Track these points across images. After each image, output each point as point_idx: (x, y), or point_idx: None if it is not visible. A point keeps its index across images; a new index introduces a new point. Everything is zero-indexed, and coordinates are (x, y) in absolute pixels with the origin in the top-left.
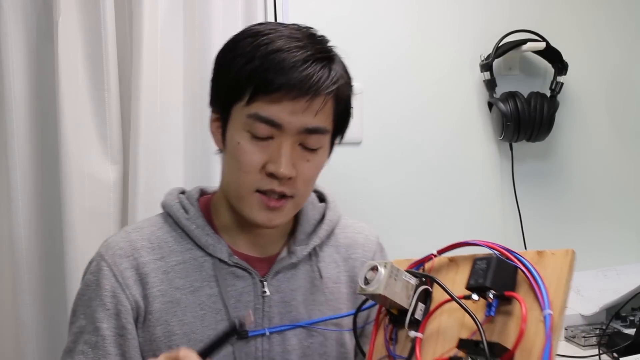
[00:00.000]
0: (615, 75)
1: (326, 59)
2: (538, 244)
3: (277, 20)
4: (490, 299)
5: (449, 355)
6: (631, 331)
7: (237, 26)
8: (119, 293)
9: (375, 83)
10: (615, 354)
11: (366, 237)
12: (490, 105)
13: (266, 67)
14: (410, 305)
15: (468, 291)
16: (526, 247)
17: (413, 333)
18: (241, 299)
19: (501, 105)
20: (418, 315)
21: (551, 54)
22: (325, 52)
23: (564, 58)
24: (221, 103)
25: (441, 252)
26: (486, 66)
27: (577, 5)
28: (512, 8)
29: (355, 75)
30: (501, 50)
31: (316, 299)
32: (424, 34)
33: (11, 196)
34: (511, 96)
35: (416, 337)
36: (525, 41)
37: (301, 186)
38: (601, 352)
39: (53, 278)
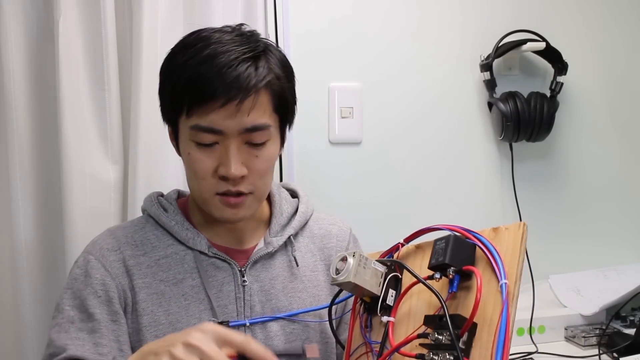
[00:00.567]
0: (615, 75)
1: (251, 58)
2: (538, 244)
3: (277, 20)
4: (450, 275)
5: (417, 332)
6: (631, 331)
7: None
8: (109, 281)
9: (375, 83)
10: (615, 354)
11: (339, 228)
12: (490, 105)
13: (195, 80)
14: (380, 291)
15: (432, 271)
16: (526, 247)
17: (385, 318)
18: (222, 289)
19: (501, 105)
20: (389, 301)
21: (551, 54)
22: (251, 51)
23: (564, 58)
24: (167, 118)
25: (408, 240)
26: (486, 66)
27: (577, 5)
28: (512, 8)
29: (355, 75)
30: (501, 50)
31: (295, 287)
32: (424, 34)
33: (12, 196)
34: (511, 96)
35: (388, 322)
36: (525, 41)
37: (256, 181)
38: (601, 352)
39: (54, 278)
